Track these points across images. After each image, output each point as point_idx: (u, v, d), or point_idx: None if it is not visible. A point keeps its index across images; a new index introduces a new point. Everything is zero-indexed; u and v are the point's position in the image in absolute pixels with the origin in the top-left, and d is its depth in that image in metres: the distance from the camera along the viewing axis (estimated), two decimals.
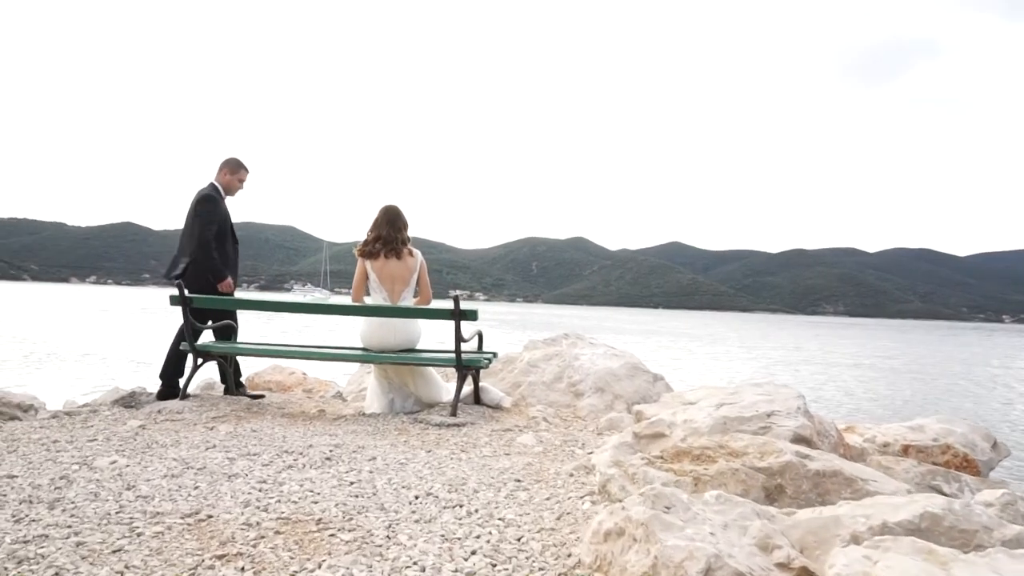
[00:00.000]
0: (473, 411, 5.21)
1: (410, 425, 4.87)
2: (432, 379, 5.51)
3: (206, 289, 5.67)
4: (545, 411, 5.30)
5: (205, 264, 5.66)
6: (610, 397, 5.63)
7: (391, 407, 5.50)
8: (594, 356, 6.10)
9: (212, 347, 5.55)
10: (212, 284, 5.70)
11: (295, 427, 4.77)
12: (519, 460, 3.91)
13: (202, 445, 4.13)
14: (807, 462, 2.76)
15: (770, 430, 3.35)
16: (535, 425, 4.98)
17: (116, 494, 3.13)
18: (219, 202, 5.79)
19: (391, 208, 5.49)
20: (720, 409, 3.58)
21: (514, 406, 5.62)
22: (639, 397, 5.68)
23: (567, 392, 5.76)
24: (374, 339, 5.37)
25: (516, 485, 3.34)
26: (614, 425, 5.01)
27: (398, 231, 5.42)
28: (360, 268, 5.41)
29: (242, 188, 6.00)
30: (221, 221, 5.75)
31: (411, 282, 5.43)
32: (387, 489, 3.25)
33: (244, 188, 6.03)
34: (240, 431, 4.56)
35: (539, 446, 4.34)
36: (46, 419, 5.11)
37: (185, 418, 4.95)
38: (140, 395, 5.82)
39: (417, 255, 5.49)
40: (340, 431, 4.65)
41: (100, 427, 4.72)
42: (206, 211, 5.69)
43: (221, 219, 5.76)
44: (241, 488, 3.25)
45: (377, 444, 4.25)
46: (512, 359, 6.33)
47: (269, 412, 5.31)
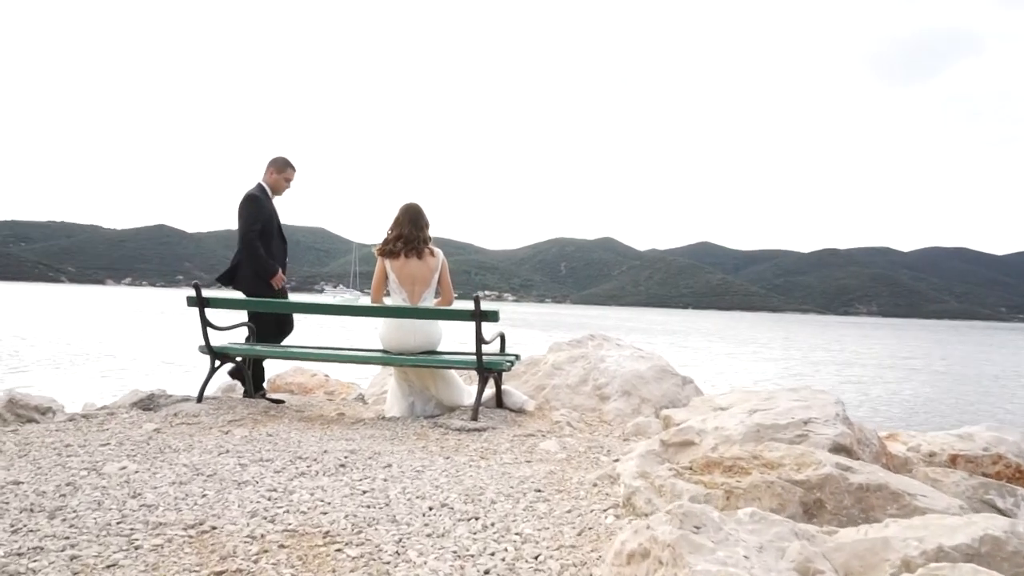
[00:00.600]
0: (495, 415, 5.05)
1: (430, 430, 4.72)
2: (453, 382, 5.36)
3: (258, 288, 5.66)
4: (569, 415, 5.12)
5: (253, 263, 5.66)
6: (637, 401, 5.43)
7: (411, 411, 5.35)
8: (620, 358, 5.90)
9: (230, 349, 5.45)
10: (264, 282, 5.68)
11: (312, 431, 4.65)
12: (541, 468, 3.74)
13: (215, 450, 4.02)
14: (849, 475, 2.56)
15: (807, 439, 3.14)
16: (559, 430, 4.81)
17: (120, 503, 3.02)
18: (262, 201, 5.75)
19: (412, 206, 5.35)
20: (753, 416, 3.37)
21: (537, 410, 5.44)
22: (667, 401, 5.47)
23: (592, 396, 5.57)
24: (393, 341, 5.23)
25: (536, 496, 3.16)
26: (641, 430, 4.82)
27: (420, 230, 5.27)
28: (379, 268, 5.27)
29: (289, 187, 5.97)
30: (266, 220, 5.73)
31: (432, 282, 5.28)
32: (401, 499, 3.09)
33: (291, 187, 6.00)
34: (255, 435, 4.45)
35: (562, 453, 4.16)
36: (62, 422, 5.04)
37: (201, 421, 4.85)
38: (159, 397, 5.73)
39: (438, 254, 5.34)
40: (357, 436, 4.52)
41: (115, 430, 4.64)
42: (247, 211, 5.68)
43: (266, 218, 5.73)
44: (250, 496, 3.12)
45: (394, 450, 4.10)
46: (536, 361, 6.16)
47: (287, 416, 5.19)
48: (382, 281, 5.28)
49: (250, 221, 5.65)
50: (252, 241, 5.63)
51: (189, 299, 5.33)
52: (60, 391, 12.65)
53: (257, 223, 5.65)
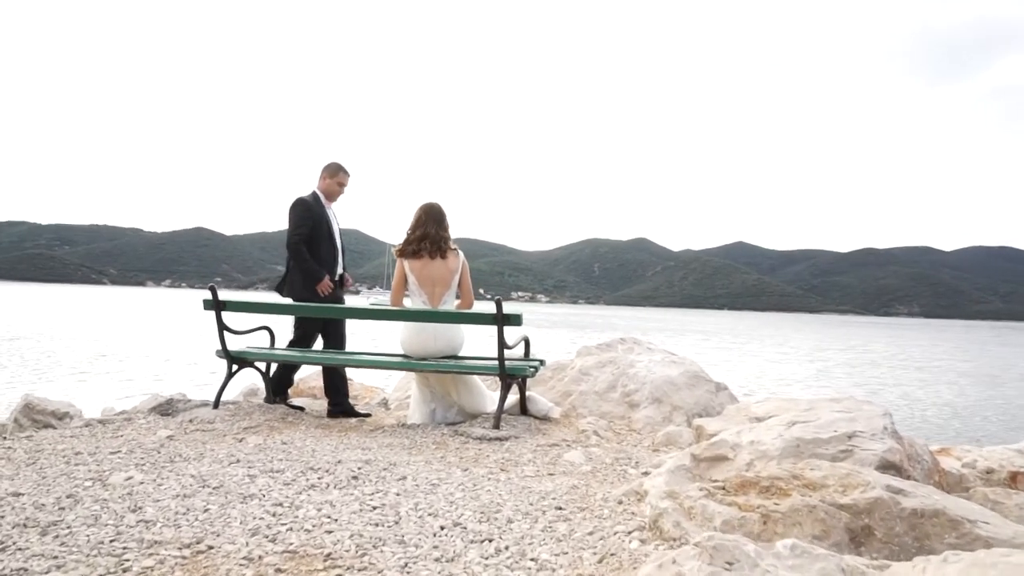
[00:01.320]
0: (518, 423, 4.84)
1: (450, 438, 4.53)
2: (476, 388, 5.16)
3: (306, 295, 5.44)
4: (596, 423, 4.89)
5: (298, 268, 5.46)
6: (668, 408, 5.18)
7: (432, 417, 5.17)
8: (651, 363, 5.66)
9: (247, 353, 5.32)
10: (311, 288, 5.44)
11: (328, 439, 4.48)
12: (563, 482, 3.52)
13: (225, 460, 3.87)
14: (901, 499, 2.30)
15: (852, 455, 2.89)
16: (585, 440, 4.58)
17: (118, 517, 2.87)
18: (310, 205, 5.54)
19: (434, 206, 5.16)
20: (792, 428, 3.12)
21: (563, 417, 5.23)
22: (700, 409, 5.22)
23: (621, 403, 5.34)
24: (414, 345, 5.05)
25: (557, 514, 2.95)
26: (672, 440, 4.57)
27: (443, 229, 5.09)
28: (399, 269, 5.09)
29: (343, 192, 5.76)
30: (313, 225, 5.52)
31: (453, 284, 5.09)
32: (411, 517, 2.90)
33: (345, 192, 5.78)
34: (269, 444, 4.30)
35: (587, 464, 3.94)
36: (78, 428, 4.95)
37: (216, 428, 4.72)
38: (178, 402, 5.62)
39: (459, 255, 5.15)
40: (375, 444, 4.34)
41: (128, 437, 4.52)
42: (292, 215, 5.51)
43: (314, 223, 5.52)
44: (254, 512, 2.95)
45: (411, 460, 3.91)
46: (563, 366, 5.94)
47: (305, 422, 5.04)
48: (402, 283, 5.10)
49: (294, 225, 5.46)
50: (296, 246, 5.43)
51: (205, 302, 5.21)
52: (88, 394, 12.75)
53: (302, 227, 5.44)
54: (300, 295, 5.47)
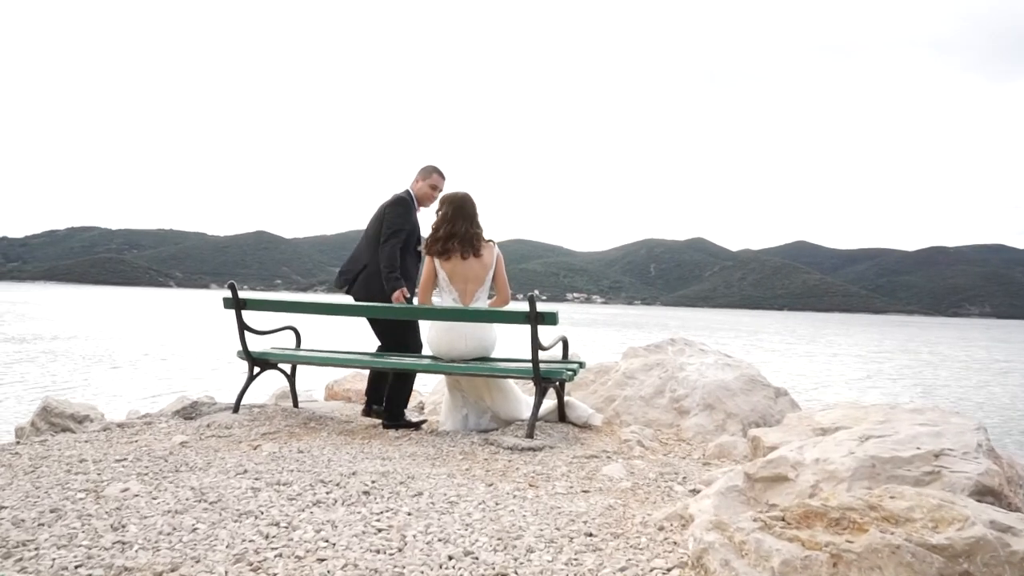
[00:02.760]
0: (555, 431, 4.44)
1: (479, 447, 4.16)
2: (511, 393, 4.78)
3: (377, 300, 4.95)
4: (641, 432, 4.45)
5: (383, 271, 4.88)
6: (721, 416, 4.72)
7: (465, 424, 4.81)
8: (703, 366, 5.19)
9: (270, 355, 5.04)
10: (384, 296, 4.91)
11: (348, 448, 4.16)
12: (599, 501, 3.11)
13: (233, 470, 3.57)
14: (1010, 539, 1.84)
15: (940, 477, 2.41)
16: (627, 451, 4.15)
17: (95, 537, 2.58)
18: (411, 209, 5.05)
19: (464, 198, 4.76)
20: (865, 444, 2.65)
21: (605, 425, 4.80)
22: (757, 417, 4.74)
23: (669, 409, 4.89)
24: (442, 346, 4.69)
25: (586, 542, 2.54)
26: (725, 452, 4.11)
27: (475, 225, 4.71)
28: (428, 267, 4.74)
29: (436, 197, 5.03)
30: (410, 231, 5.02)
31: (486, 281, 4.71)
32: (418, 542, 2.53)
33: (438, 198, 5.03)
34: (284, 452, 3.99)
35: (628, 479, 3.51)
36: (96, 431, 4.74)
37: (232, 434, 4.44)
38: (202, 405, 5.40)
39: (494, 248, 4.77)
40: (397, 454, 4.00)
41: (142, 443, 4.28)
42: (394, 213, 4.94)
43: (410, 229, 5.02)
44: (245, 533, 2.63)
45: (431, 473, 3.55)
46: (606, 369, 5.50)
47: (327, 428, 4.73)
48: (431, 280, 4.75)
49: (396, 226, 4.89)
50: (392, 248, 4.86)
51: (225, 300, 4.95)
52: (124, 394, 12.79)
53: (402, 230, 4.91)
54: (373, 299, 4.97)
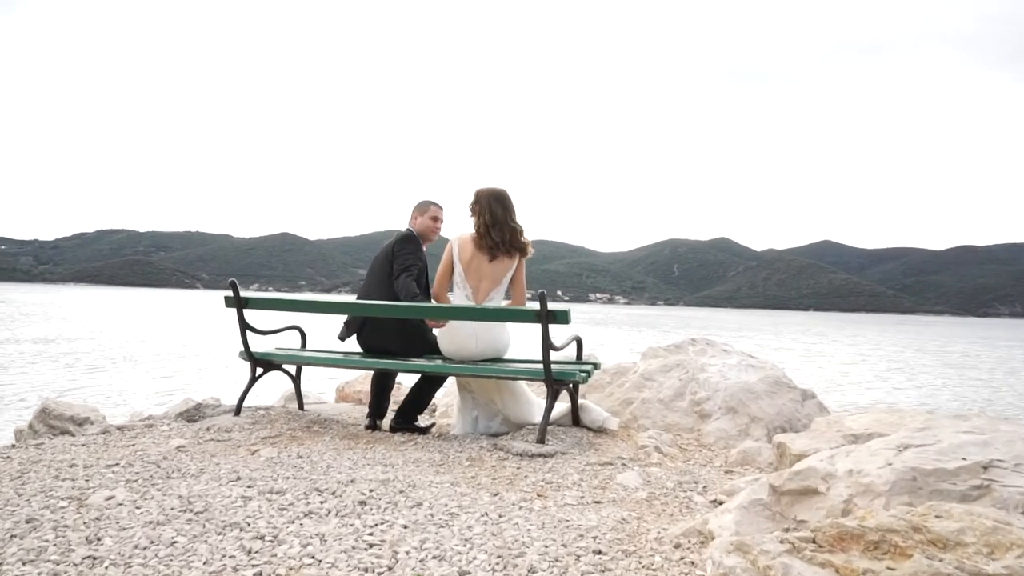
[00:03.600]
0: (568, 436, 4.20)
1: (487, 453, 3.94)
2: (522, 395, 4.56)
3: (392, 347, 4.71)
4: (659, 437, 4.21)
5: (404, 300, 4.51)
6: (745, 420, 4.46)
7: (475, 427, 4.60)
8: (725, 367, 4.94)
9: (273, 355, 4.86)
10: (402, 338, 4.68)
11: (351, 452, 3.96)
12: (611, 514, 2.88)
13: (226, 477, 3.39)
14: None
15: (989, 492, 2.16)
16: (644, 457, 3.91)
17: (66, 551, 2.40)
18: (420, 245, 4.77)
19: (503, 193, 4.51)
20: (904, 455, 2.40)
21: (622, 429, 4.57)
22: (783, 420, 4.48)
23: (689, 412, 4.64)
24: (451, 346, 4.48)
25: (594, 562, 2.31)
26: (748, 459, 3.86)
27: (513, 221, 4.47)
28: (447, 257, 4.51)
29: (439, 229, 4.89)
30: (422, 267, 4.74)
31: (503, 281, 4.47)
32: (410, 560, 2.32)
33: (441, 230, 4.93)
34: (282, 458, 3.80)
35: (644, 489, 3.28)
36: (94, 435, 4.60)
37: (231, 438, 4.26)
38: (205, 407, 5.24)
39: None
40: (400, 460, 3.79)
41: (138, 447, 4.12)
42: (405, 249, 4.66)
43: (422, 265, 4.75)
44: (227, 547, 2.44)
45: (434, 481, 3.34)
46: (624, 370, 5.26)
47: (331, 432, 4.54)
48: (448, 273, 4.52)
49: (407, 261, 4.60)
50: (408, 281, 4.52)
51: (227, 299, 4.78)
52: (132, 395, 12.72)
53: (415, 266, 4.61)
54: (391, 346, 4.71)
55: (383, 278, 4.71)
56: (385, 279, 4.68)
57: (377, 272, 4.77)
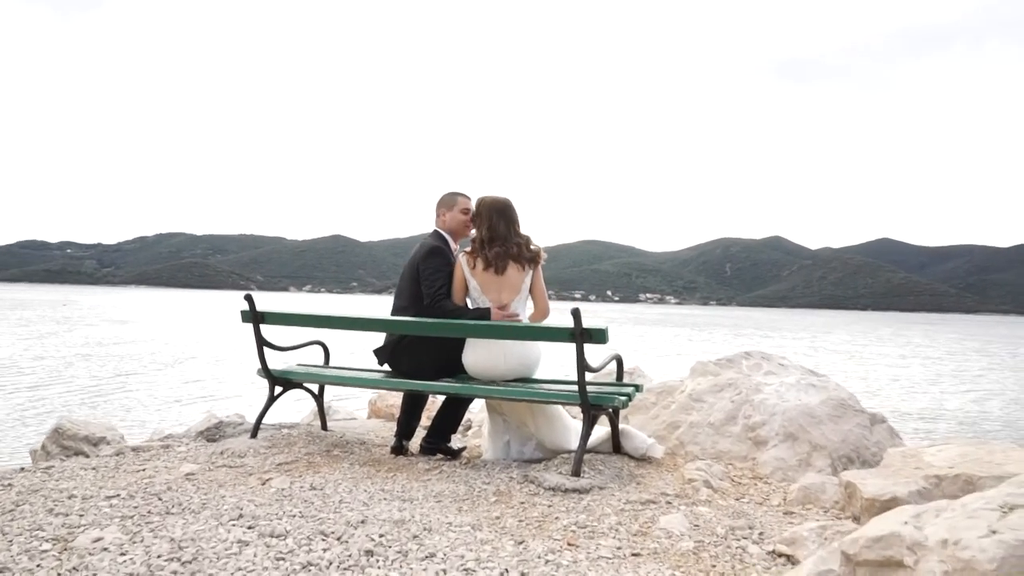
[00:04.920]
0: (607, 467, 3.81)
1: (517, 485, 3.57)
2: (557, 419, 4.18)
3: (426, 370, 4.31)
4: (709, 469, 3.79)
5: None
6: (805, 448, 4.01)
7: (506, 452, 4.25)
8: (783, 387, 4.48)
9: (293, 373, 4.58)
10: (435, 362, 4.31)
11: (369, 482, 3.64)
12: (652, 572, 2.48)
13: (228, 514, 3.09)
14: None
15: None
16: (692, 493, 3.50)
17: None
18: (447, 255, 4.31)
19: (506, 203, 4.19)
20: (1010, 518, 1.96)
21: (668, 457, 4.16)
22: (849, 449, 4.01)
23: (743, 439, 4.20)
24: (478, 365, 4.13)
25: None
26: (811, 497, 3.42)
27: (518, 234, 4.15)
28: (458, 275, 4.19)
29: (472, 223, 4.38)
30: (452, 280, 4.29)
31: (523, 289, 4.12)
32: None
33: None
34: (294, 490, 3.50)
35: (690, 536, 2.88)
36: (107, 457, 4.37)
37: (244, 464, 3.98)
38: (227, 425, 4.98)
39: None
40: (421, 493, 3.45)
41: (146, 474, 3.87)
42: (432, 268, 4.23)
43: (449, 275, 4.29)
44: None
45: (454, 523, 2.99)
46: (670, 389, 4.83)
47: (352, 456, 4.23)
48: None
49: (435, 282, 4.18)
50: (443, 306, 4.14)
51: (243, 313, 4.51)
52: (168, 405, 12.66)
53: (445, 285, 4.20)
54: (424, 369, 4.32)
55: (412, 300, 4.34)
56: (416, 301, 4.32)
57: (407, 294, 4.41)
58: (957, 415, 16.21)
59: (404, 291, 4.44)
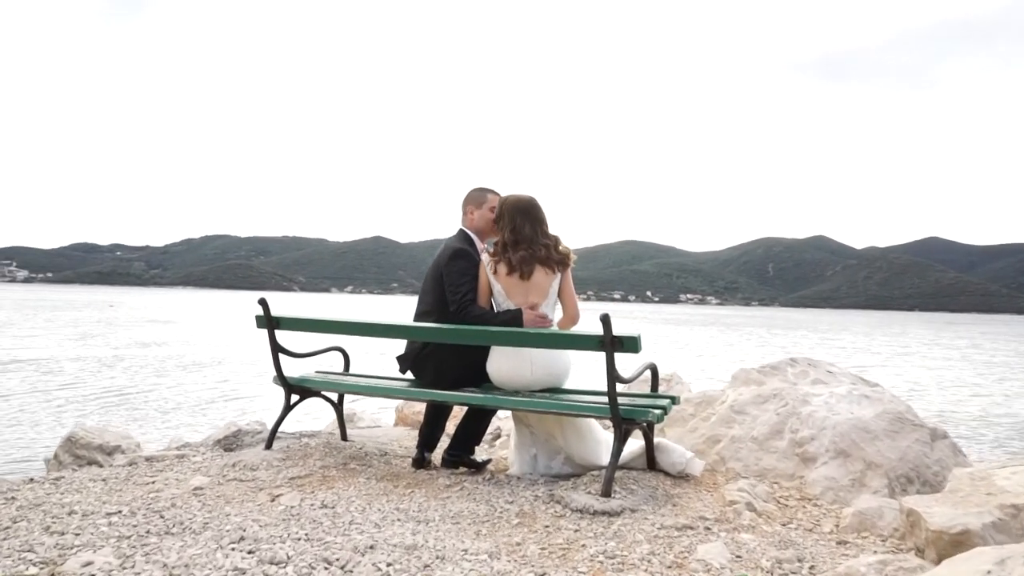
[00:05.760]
0: (640, 486, 3.51)
1: (542, 506, 3.31)
2: (588, 432, 3.90)
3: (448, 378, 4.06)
4: (753, 490, 3.47)
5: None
6: (859, 466, 3.67)
7: (533, 466, 3.98)
8: (833, 397, 4.14)
9: (309, 381, 4.37)
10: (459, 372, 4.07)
11: (384, 500, 3.41)
12: None
13: (229, 536, 2.88)
14: None
15: None
16: (733, 517, 3.19)
17: None
18: (473, 258, 4.02)
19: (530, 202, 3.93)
20: None
21: (708, 474, 3.84)
22: (907, 468, 3.66)
23: (789, 455, 3.87)
24: (503, 374, 3.87)
25: None
26: (867, 524, 3.09)
27: (546, 235, 3.88)
28: (483, 279, 3.93)
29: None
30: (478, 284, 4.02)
31: (551, 293, 3.85)
32: None
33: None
34: (303, 507, 3.28)
35: (731, 570, 2.58)
36: (120, 467, 4.23)
37: (256, 478, 3.77)
38: (245, 434, 4.80)
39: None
40: (438, 514, 3.20)
41: (156, 485, 3.70)
42: (456, 272, 3.95)
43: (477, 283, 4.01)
44: None
45: (470, 549, 2.73)
46: (710, 399, 4.51)
47: (370, 469, 4.00)
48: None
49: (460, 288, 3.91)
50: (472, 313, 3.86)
51: (258, 319, 4.31)
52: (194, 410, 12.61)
53: (472, 290, 3.93)
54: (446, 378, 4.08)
55: (437, 306, 4.09)
56: (441, 308, 4.06)
57: (429, 294, 4.16)
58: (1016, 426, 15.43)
59: (427, 295, 4.19)
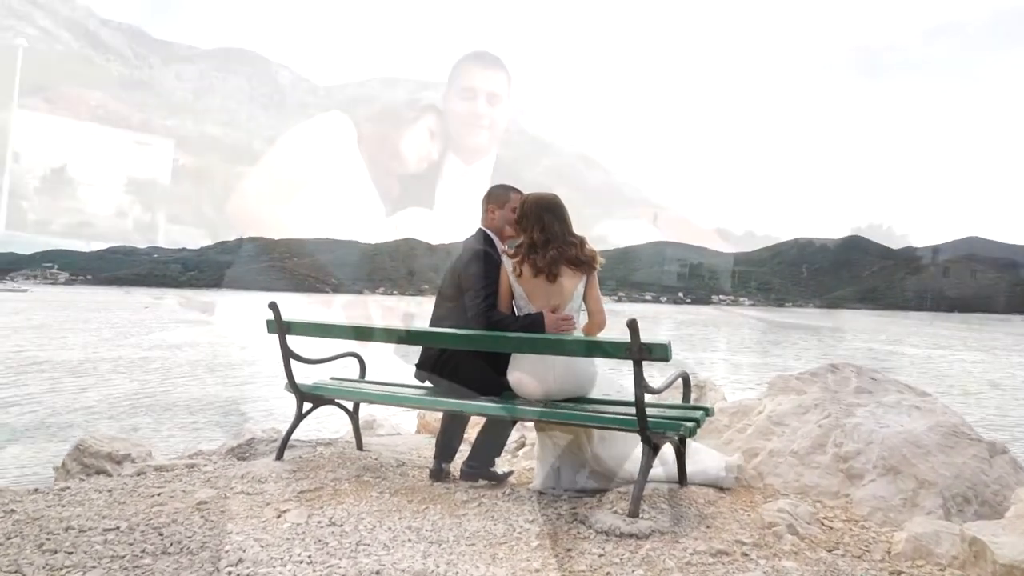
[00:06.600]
0: (672, 503, 3.26)
1: (564, 526, 3.07)
2: (615, 441, 3.64)
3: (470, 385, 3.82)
4: (795, 509, 3.19)
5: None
6: (910, 484, 3.37)
7: (556, 480, 3.73)
8: (880, 409, 3.84)
9: (323, 388, 4.18)
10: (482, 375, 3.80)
11: (396, 517, 3.20)
12: None
13: (226, 558, 2.72)
14: None
15: None
16: (774, 541, 2.92)
17: None
18: (493, 259, 3.79)
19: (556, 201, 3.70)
20: None
21: (744, 490, 3.56)
22: (964, 487, 3.35)
23: (833, 471, 3.58)
24: (523, 382, 3.63)
25: None
26: (923, 550, 2.80)
27: (571, 233, 3.65)
28: (504, 281, 3.70)
29: None
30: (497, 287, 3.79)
31: (575, 297, 3.61)
32: None
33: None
34: (310, 525, 3.08)
35: None
36: (128, 476, 4.10)
37: (263, 491, 3.58)
38: (259, 443, 4.64)
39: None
40: (452, 533, 2.98)
41: (161, 498, 3.54)
42: (475, 274, 3.74)
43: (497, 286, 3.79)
44: None
45: (485, 574, 2.51)
46: (746, 409, 4.23)
47: (384, 482, 3.79)
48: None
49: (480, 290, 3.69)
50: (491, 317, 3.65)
51: (268, 323, 4.13)
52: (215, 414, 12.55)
53: (493, 293, 3.71)
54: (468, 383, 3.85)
55: (457, 309, 3.87)
56: (460, 310, 3.85)
57: (448, 298, 3.95)
58: None
59: (445, 299, 3.99)
